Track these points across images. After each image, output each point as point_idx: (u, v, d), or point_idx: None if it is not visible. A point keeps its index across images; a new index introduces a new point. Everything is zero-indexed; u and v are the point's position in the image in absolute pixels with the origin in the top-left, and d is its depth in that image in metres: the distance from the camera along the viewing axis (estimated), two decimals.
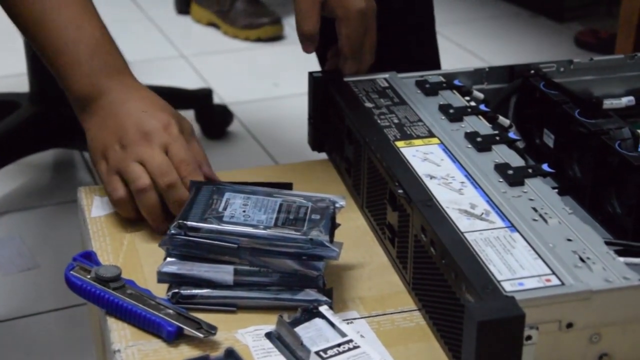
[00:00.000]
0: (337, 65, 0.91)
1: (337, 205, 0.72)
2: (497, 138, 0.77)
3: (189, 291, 0.68)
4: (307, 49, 0.89)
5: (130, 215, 0.78)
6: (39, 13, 0.81)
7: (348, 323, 0.67)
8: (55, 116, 1.54)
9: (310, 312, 0.66)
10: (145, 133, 0.77)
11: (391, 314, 0.69)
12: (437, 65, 1.10)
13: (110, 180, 0.78)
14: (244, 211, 0.70)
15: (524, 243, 0.63)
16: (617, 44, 1.55)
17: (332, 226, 0.70)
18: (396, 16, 1.04)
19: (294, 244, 0.67)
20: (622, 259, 0.62)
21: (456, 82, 0.88)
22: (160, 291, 0.69)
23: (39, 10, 0.81)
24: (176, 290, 0.68)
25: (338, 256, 0.68)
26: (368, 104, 0.83)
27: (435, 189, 0.70)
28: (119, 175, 0.77)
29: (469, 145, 0.76)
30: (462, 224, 0.65)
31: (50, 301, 1.28)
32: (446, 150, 0.76)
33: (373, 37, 0.90)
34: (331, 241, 0.68)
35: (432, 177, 0.72)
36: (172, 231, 0.68)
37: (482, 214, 0.67)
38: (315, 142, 0.93)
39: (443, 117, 0.81)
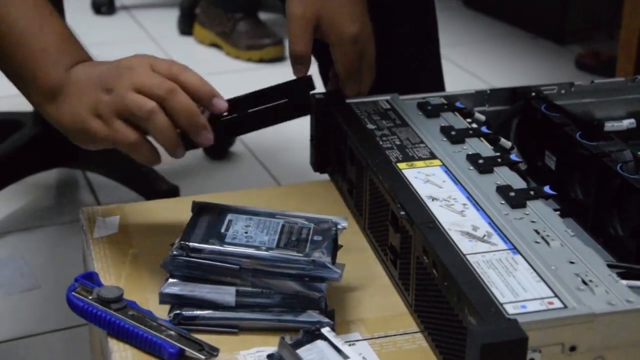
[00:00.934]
0: (337, 86, 0.91)
1: (339, 226, 0.72)
2: (499, 160, 0.77)
3: (190, 312, 0.68)
4: (298, 73, 0.89)
5: (149, 158, 0.73)
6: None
7: (350, 345, 0.66)
8: (58, 136, 1.54)
9: (313, 334, 0.66)
10: (127, 65, 0.73)
11: (393, 335, 0.69)
12: (441, 86, 1.11)
13: (115, 127, 0.72)
14: (246, 232, 0.70)
15: (526, 265, 0.63)
16: (617, 66, 1.56)
17: (334, 247, 0.70)
18: (400, 37, 1.05)
19: (296, 265, 0.67)
20: (624, 282, 0.62)
21: (458, 104, 0.88)
22: (162, 312, 0.69)
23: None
24: (178, 312, 0.68)
25: (340, 277, 0.68)
26: (370, 126, 0.84)
27: (437, 210, 0.70)
28: (120, 118, 0.72)
29: (471, 167, 0.77)
30: (464, 246, 0.65)
31: (51, 322, 1.28)
32: (448, 172, 0.76)
33: (370, 60, 0.90)
34: (333, 262, 0.68)
35: (434, 199, 0.72)
36: (174, 252, 0.68)
37: (484, 236, 0.67)
38: (318, 164, 0.93)
39: (445, 139, 0.82)
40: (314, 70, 1.02)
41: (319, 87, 1.05)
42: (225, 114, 0.76)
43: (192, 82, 0.73)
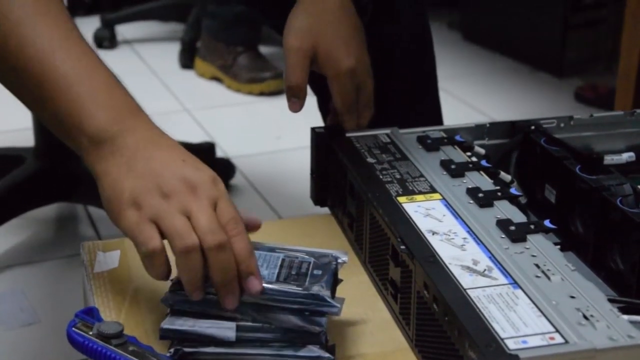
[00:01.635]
0: (337, 120, 0.91)
1: (339, 260, 0.72)
2: (499, 194, 0.77)
3: (191, 348, 0.68)
4: (293, 107, 0.89)
5: (162, 273, 0.68)
6: (47, 44, 0.71)
7: None
8: (59, 171, 1.55)
9: None
10: (192, 185, 0.67)
11: None
12: (439, 119, 1.11)
13: (144, 228, 0.66)
14: None
15: (526, 300, 0.63)
16: (616, 99, 1.57)
17: (334, 282, 0.70)
18: (398, 70, 1.06)
19: (295, 299, 0.67)
20: (626, 317, 0.62)
21: (457, 137, 0.89)
22: (163, 348, 0.69)
23: (47, 41, 0.71)
24: (178, 347, 0.68)
25: (340, 312, 0.68)
26: (370, 160, 0.84)
27: (438, 245, 0.70)
28: (155, 225, 0.66)
29: (471, 201, 0.77)
30: (465, 280, 0.65)
31: (51, 357, 1.27)
32: (448, 206, 0.76)
33: (368, 92, 0.91)
34: (333, 296, 0.68)
35: (434, 233, 0.72)
36: (174, 287, 0.68)
37: (485, 270, 0.67)
38: (318, 197, 0.93)
39: (445, 173, 0.82)
40: (312, 104, 1.03)
41: (318, 122, 1.06)
42: None
43: (240, 250, 0.67)
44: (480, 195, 0.77)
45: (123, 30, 2.70)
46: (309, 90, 0.91)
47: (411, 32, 1.07)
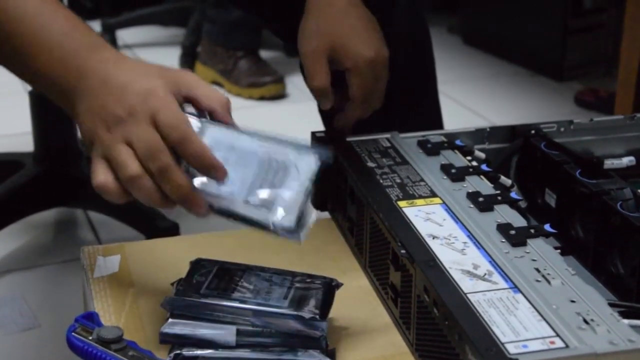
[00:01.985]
0: (346, 116, 0.91)
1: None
2: (499, 198, 0.77)
3: (191, 352, 0.68)
4: (323, 105, 0.90)
5: (114, 200, 0.69)
6: (20, 9, 0.72)
7: None
8: (59, 175, 1.55)
9: None
10: (129, 108, 0.68)
11: None
12: (439, 123, 1.11)
13: (94, 167, 0.69)
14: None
15: (527, 304, 0.63)
16: (616, 103, 1.57)
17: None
18: (398, 74, 1.06)
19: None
20: (626, 321, 0.62)
21: (458, 142, 0.89)
22: (163, 352, 0.69)
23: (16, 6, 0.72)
24: (178, 352, 0.68)
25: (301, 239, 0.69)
26: (370, 164, 0.84)
27: (438, 249, 0.70)
28: (107, 161, 0.68)
29: (471, 205, 0.77)
30: (465, 284, 0.65)
31: None
32: (448, 210, 0.76)
33: (383, 85, 0.91)
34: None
35: (434, 237, 0.72)
36: (174, 291, 0.68)
37: (485, 274, 0.67)
38: (318, 201, 0.93)
39: (445, 177, 0.82)
40: (313, 108, 1.03)
41: (319, 126, 1.06)
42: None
43: (190, 152, 0.68)
44: (481, 199, 0.77)
45: (124, 35, 2.70)
46: (309, 94, 0.92)
47: (410, 32, 1.07)
